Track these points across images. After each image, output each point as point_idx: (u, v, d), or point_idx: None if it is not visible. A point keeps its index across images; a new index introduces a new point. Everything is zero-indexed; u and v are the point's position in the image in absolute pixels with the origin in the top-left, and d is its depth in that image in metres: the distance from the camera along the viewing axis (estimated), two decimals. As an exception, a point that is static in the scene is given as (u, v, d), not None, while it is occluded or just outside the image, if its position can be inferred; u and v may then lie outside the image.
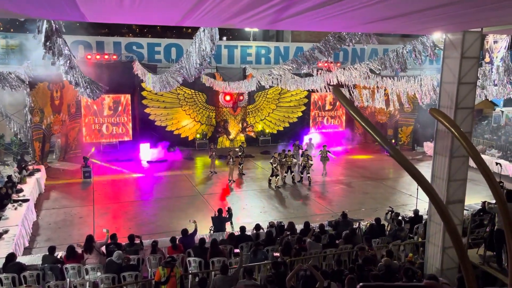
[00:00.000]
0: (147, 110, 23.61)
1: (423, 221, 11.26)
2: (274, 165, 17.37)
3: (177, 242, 9.70)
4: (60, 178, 18.18)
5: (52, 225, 13.19)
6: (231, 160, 17.78)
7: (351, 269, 7.79)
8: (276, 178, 17.42)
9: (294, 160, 18.16)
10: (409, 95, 18.01)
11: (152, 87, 17.33)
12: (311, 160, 17.91)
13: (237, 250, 9.06)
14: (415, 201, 13.83)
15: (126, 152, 21.75)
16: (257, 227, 10.78)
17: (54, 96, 19.96)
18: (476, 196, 14.72)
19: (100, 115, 22.71)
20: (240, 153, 18.90)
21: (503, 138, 23.88)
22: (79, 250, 9.32)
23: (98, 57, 21.58)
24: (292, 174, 17.84)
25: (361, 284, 1.07)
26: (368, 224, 11.67)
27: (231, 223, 12.26)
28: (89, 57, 21.32)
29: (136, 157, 21.51)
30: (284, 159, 17.55)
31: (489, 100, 24.44)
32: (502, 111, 29.14)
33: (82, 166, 18.30)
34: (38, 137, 18.96)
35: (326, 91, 18.71)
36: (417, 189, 13.33)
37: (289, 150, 18.55)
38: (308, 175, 17.79)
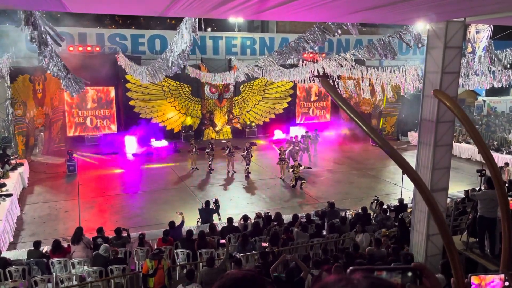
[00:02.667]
0: (131, 103, 23.36)
1: (408, 210, 11.43)
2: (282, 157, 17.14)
3: (169, 236, 9.65)
4: (44, 172, 17.93)
5: (36, 220, 13.03)
6: (227, 151, 17.78)
7: (335, 257, 7.88)
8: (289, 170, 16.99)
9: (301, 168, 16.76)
10: (393, 85, 18.14)
11: (140, 78, 17.10)
12: (302, 166, 16.73)
13: (223, 241, 9.09)
14: (400, 190, 14.02)
15: (110, 145, 21.54)
16: (245, 218, 10.82)
17: (36, 89, 19.59)
18: (459, 185, 15.00)
19: (84, 108, 22.41)
20: (207, 150, 18.24)
21: (484, 127, 24.30)
22: (65, 244, 9.23)
23: (80, 49, 21.23)
24: (303, 181, 16.10)
25: (351, 268, 1.07)
26: (354, 213, 11.81)
27: (219, 215, 12.27)
28: (71, 49, 20.95)
29: (121, 150, 21.32)
30: (293, 169, 16.42)
31: (472, 90, 24.79)
32: (484, 101, 29.63)
33: (67, 160, 18.07)
34: (22, 130, 18.63)
35: (310, 82, 18.73)
36: (402, 178, 13.51)
37: (295, 160, 17.31)
38: (303, 181, 16.21)
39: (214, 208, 12.02)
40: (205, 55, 24.56)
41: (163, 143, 22.43)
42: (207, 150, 18.25)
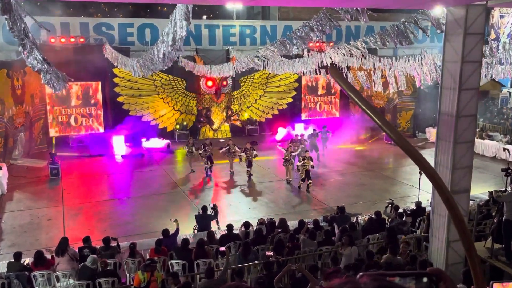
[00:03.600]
0: (120, 99, 23.39)
1: (426, 214, 11.43)
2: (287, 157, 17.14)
3: (161, 246, 9.66)
4: (24, 176, 17.96)
5: (17, 229, 13.06)
6: (226, 149, 17.83)
7: (347, 267, 7.89)
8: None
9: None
10: (408, 76, 18.13)
11: (132, 72, 17.10)
12: (312, 161, 16.52)
13: (222, 248, 9.11)
14: (417, 192, 14.01)
15: (97, 146, 21.57)
16: (246, 224, 10.83)
17: (15, 85, 19.63)
18: (482, 186, 14.98)
19: (68, 106, 22.44)
20: (200, 151, 17.97)
21: (510, 121, 24.23)
22: (49, 256, 9.25)
23: (63, 40, 21.24)
24: (310, 182, 16.15)
25: (361, 273, 1.08)
26: (367, 218, 11.82)
27: (217, 221, 12.28)
28: (52, 40, 20.95)
29: (109, 151, 21.36)
30: (301, 162, 16.34)
31: (496, 80, 24.74)
32: (510, 92, 29.50)
33: (49, 163, 18.11)
34: (0, 131, 18.67)
35: (317, 74, 18.70)
36: (419, 179, 13.48)
37: (306, 151, 17.27)
38: (310, 181, 16.22)
39: (212, 214, 12.04)
40: (201, 45, 24.57)
41: (156, 143, 22.44)
42: (200, 152, 17.93)
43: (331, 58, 16.66)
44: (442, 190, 1.38)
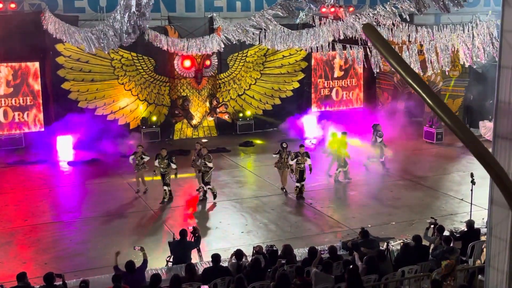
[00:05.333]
0: (65, 86, 23.34)
1: (482, 238, 11.45)
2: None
3: (122, 283, 9.65)
4: None
5: None
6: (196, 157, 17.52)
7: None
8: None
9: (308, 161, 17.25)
10: (456, 52, 18.15)
11: (86, 46, 17.04)
12: (309, 158, 17.19)
13: (205, 287, 9.11)
14: (468, 209, 14.02)
15: (36, 149, 21.48)
16: (238, 254, 10.81)
17: None
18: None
19: (-6, 95, 22.39)
20: (193, 157, 17.46)
21: None
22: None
23: (-13, 6, 21.20)
24: (302, 184, 17.14)
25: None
26: (402, 243, 11.82)
27: (199, 250, 12.27)
28: (-27, 6, 20.93)
29: (52, 156, 21.28)
30: (295, 159, 16.87)
31: None
32: None
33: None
34: None
35: (330, 49, 18.69)
36: (471, 190, 13.50)
37: (301, 145, 17.71)
38: (302, 183, 17.08)
39: (193, 240, 12.02)
40: (174, 12, 24.60)
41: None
42: (193, 158, 17.61)
43: (351, 28, 16.70)
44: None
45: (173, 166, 16.67)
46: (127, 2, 9.63)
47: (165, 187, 16.79)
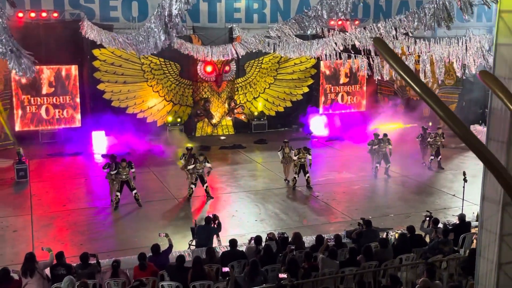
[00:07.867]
0: (100, 86, 23.47)
1: (472, 230, 11.39)
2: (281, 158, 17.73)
3: (146, 260, 9.70)
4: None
5: (-24, 242, 13.14)
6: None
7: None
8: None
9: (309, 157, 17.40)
10: (449, 63, 18.01)
11: (124, 48, 17.02)
12: (310, 155, 17.32)
13: (226, 269, 9.11)
14: (460, 203, 13.98)
15: (73, 143, 21.61)
16: (258, 239, 10.79)
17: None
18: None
19: (38, 94, 22.51)
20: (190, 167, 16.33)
21: None
22: (15, 275, 9.28)
23: (33, 15, 21.31)
24: (307, 176, 17.31)
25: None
26: (397, 234, 11.78)
27: (217, 235, 12.30)
28: (20, 15, 21.03)
29: (87, 149, 21.41)
30: (297, 156, 17.09)
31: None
32: None
33: (15, 163, 18.17)
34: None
35: (337, 58, 18.63)
36: (463, 187, 13.48)
37: (305, 147, 17.68)
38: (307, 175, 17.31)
39: (216, 226, 12.07)
40: (198, 22, 24.61)
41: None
42: (186, 164, 16.35)
43: (357, 39, 16.62)
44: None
45: (208, 165, 16.16)
46: (161, 11, 9.66)
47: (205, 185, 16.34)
